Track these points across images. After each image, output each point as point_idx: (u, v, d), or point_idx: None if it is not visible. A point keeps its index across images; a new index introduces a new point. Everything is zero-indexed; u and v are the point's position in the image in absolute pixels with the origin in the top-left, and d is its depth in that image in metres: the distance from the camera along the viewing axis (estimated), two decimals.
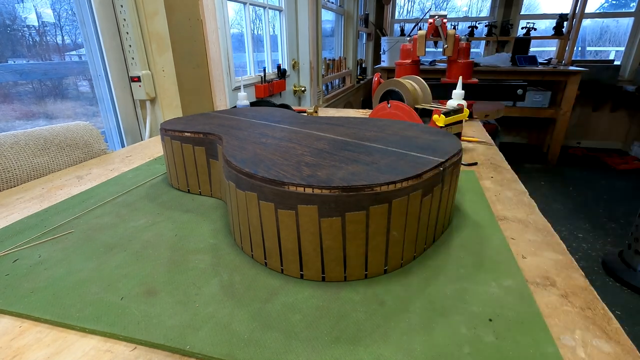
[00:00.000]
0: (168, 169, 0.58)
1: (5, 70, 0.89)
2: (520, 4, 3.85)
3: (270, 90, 1.95)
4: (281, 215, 0.33)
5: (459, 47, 1.02)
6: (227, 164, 0.38)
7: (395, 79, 0.82)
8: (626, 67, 3.75)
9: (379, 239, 0.30)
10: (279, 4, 2.17)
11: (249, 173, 0.34)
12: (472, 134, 0.87)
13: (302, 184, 0.31)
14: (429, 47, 1.45)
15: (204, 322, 0.29)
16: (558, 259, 0.37)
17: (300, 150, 0.41)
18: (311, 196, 0.31)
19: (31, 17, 0.96)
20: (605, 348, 0.26)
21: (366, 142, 0.44)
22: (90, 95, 1.11)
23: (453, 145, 0.42)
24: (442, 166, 0.36)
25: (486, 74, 3.25)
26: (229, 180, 0.38)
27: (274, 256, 0.35)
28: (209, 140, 0.50)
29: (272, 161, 0.37)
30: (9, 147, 0.62)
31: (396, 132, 0.49)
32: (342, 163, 0.36)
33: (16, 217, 0.49)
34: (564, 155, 3.73)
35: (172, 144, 0.54)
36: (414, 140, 0.45)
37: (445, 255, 0.38)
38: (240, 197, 0.36)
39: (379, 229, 0.32)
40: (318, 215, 0.31)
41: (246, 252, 0.39)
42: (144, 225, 0.45)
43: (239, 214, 0.37)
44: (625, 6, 3.75)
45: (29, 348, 0.28)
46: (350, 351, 0.26)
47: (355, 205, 0.31)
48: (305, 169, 0.35)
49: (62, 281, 0.34)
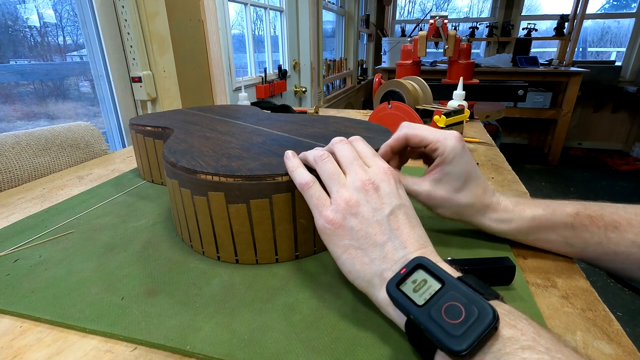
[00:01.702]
0: (136, 161, 0.63)
1: (7, 71, 0.89)
2: (521, 4, 3.85)
3: (271, 91, 1.95)
4: (196, 201, 0.36)
5: (460, 48, 1.02)
6: (163, 155, 0.41)
7: (396, 79, 0.82)
8: (627, 68, 3.74)
9: (286, 225, 0.32)
10: (279, 5, 2.17)
11: (172, 162, 0.38)
12: (473, 135, 0.87)
13: (211, 172, 0.34)
14: (429, 47, 1.45)
15: (205, 322, 0.29)
16: (559, 260, 0.37)
17: (233, 144, 0.44)
18: (217, 184, 0.34)
19: (33, 18, 0.96)
20: (606, 349, 0.26)
21: (301, 138, 0.46)
22: (92, 96, 1.11)
23: (377, 142, 0.43)
24: None
25: (487, 75, 3.25)
26: (165, 170, 0.40)
27: (194, 240, 0.39)
28: (166, 134, 0.54)
29: (201, 153, 0.41)
30: (10, 147, 0.62)
31: (338, 129, 0.51)
32: (263, 156, 0.39)
33: (17, 217, 0.49)
34: (565, 156, 3.72)
35: (137, 138, 0.58)
36: (347, 137, 0.45)
37: None
38: (169, 185, 0.40)
39: (283, 216, 0.35)
40: (225, 201, 0.34)
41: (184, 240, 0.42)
42: (144, 225, 0.45)
43: (176, 204, 0.40)
44: (627, 7, 3.75)
45: (30, 348, 0.28)
46: None
47: (258, 193, 0.34)
48: (224, 160, 0.38)
49: (63, 281, 0.34)
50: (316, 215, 0.30)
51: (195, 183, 0.35)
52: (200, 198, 0.35)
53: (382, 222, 0.27)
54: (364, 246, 0.27)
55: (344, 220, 0.28)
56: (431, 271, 0.24)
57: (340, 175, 0.30)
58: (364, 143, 0.34)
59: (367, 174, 0.29)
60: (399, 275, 0.25)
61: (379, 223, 0.27)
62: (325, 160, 0.31)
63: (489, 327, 0.20)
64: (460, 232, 0.42)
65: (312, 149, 0.34)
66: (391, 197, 0.29)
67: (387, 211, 0.28)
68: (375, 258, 0.27)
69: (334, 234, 0.28)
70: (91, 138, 0.76)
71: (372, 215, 0.28)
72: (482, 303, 0.21)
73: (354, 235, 0.28)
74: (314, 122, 0.56)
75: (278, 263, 0.37)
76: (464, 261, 0.32)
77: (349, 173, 0.30)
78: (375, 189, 0.29)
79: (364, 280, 0.27)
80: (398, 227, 0.28)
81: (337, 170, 0.30)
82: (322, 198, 0.30)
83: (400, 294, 0.24)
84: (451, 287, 0.23)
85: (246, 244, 0.36)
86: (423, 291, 0.23)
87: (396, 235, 0.27)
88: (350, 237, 0.28)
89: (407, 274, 0.25)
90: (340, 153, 0.32)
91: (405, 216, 0.28)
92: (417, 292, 0.23)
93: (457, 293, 0.22)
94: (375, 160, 0.31)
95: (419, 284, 0.24)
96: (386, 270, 0.26)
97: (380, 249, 0.27)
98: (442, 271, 0.24)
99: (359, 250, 0.27)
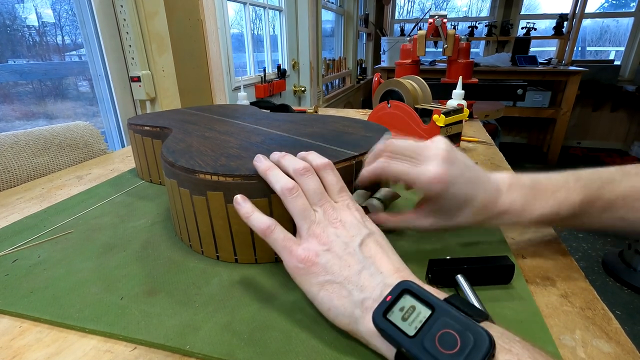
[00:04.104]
0: (135, 161, 0.62)
1: (6, 71, 0.89)
2: (520, 4, 3.85)
3: (270, 90, 1.95)
4: (195, 201, 0.36)
5: (459, 47, 1.02)
6: (161, 154, 0.41)
7: (395, 79, 0.82)
8: (626, 67, 3.75)
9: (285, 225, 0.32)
10: (279, 4, 2.17)
11: (171, 162, 0.37)
12: (472, 134, 0.87)
13: (210, 172, 0.34)
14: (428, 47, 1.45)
15: (204, 322, 0.29)
16: (558, 259, 0.37)
17: (232, 143, 0.44)
18: (216, 183, 0.34)
19: (31, 18, 0.96)
20: (605, 348, 0.26)
21: (300, 137, 0.46)
22: (90, 95, 1.11)
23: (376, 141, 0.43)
24: (354, 159, 0.38)
25: (486, 74, 3.25)
26: (164, 170, 0.40)
27: (194, 239, 0.39)
28: (165, 134, 0.54)
29: (199, 152, 0.40)
30: (9, 147, 0.62)
31: (337, 128, 0.51)
32: None
33: (16, 217, 0.48)
34: (564, 155, 3.73)
35: (135, 137, 0.58)
36: (346, 137, 0.46)
37: None
38: (168, 184, 0.40)
39: (282, 215, 0.34)
40: (224, 200, 0.34)
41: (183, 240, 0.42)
42: (143, 225, 0.45)
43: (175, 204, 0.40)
44: (626, 6, 3.75)
45: (29, 348, 0.28)
46: None
47: (257, 192, 0.34)
48: (223, 159, 0.38)
49: (62, 281, 0.34)
50: (286, 257, 0.28)
51: (194, 183, 0.35)
52: (199, 198, 0.35)
53: (354, 253, 0.27)
54: (339, 279, 0.26)
55: (317, 257, 0.27)
56: (419, 296, 0.23)
57: (310, 212, 0.29)
58: (332, 172, 0.32)
59: (335, 212, 0.29)
60: (385, 303, 0.23)
61: (351, 254, 0.27)
62: (295, 195, 0.30)
63: (486, 355, 0.19)
64: (459, 232, 0.42)
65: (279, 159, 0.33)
66: (359, 228, 0.29)
67: (358, 241, 0.28)
68: (353, 289, 0.26)
69: (308, 272, 0.27)
70: (90, 138, 0.76)
71: (344, 248, 0.27)
72: (477, 329, 0.20)
73: (329, 270, 0.27)
74: (313, 121, 0.56)
75: (277, 262, 0.37)
76: (463, 260, 0.32)
77: (318, 210, 0.30)
78: (343, 224, 0.29)
79: (344, 316, 0.26)
80: (371, 255, 0.27)
81: (307, 207, 0.30)
82: (288, 238, 0.29)
83: (389, 324, 0.22)
84: (442, 312, 0.22)
85: (245, 243, 0.36)
86: (412, 319, 0.22)
87: (370, 262, 0.27)
88: (325, 272, 0.27)
89: (393, 301, 0.23)
90: (307, 187, 0.30)
91: (376, 244, 0.28)
92: (407, 321, 0.22)
93: (449, 319, 0.21)
94: (341, 196, 0.31)
95: (407, 311, 0.23)
96: (366, 299, 0.25)
97: (356, 278, 0.26)
98: (429, 295, 0.23)
99: (335, 284, 0.26)
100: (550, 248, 0.39)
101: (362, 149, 0.40)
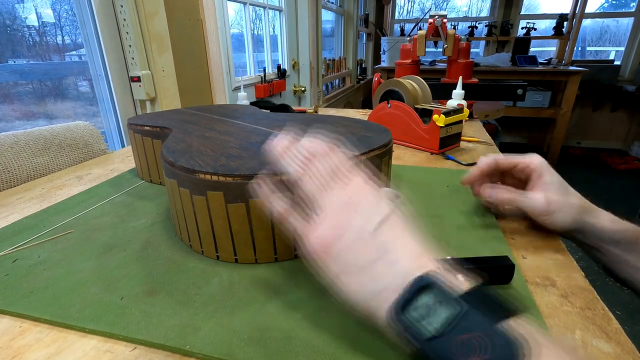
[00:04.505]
0: (135, 161, 0.62)
1: (6, 71, 0.89)
2: (520, 4, 3.85)
3: (270, 90, 1.95)
4: (195, 201, 0.36)
5: (459, 47, 1.02)
6: (161, 154, 0.41)
7: (395, 79, 0.82)
8: (626, 67, 3.75)
9: None
10: (279, 4, 2.16)
11: (171, 162, 0.37)
12: (472, 134, 0.87)
13: (210, 172, 0.34)
14: (429, 47, 1.45)
15: (204, 322, 0.29)
16: (558, 259, 0.37)
17: (232, 143, 0.44)
18: (216, 183, 0.34)
19: (31, 17, 0.96)
20: (605, 348, 0.26)
21: None
22: (90, 95, 1.11)
23: (376, 141, 0.43)
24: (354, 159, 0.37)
25: (486, 74, 3.25)
26: (164, 170, 0.40)
27: (194, 239, 0.39)
28: (165, 134, 0.54)
29: (199, 152, 0.40)
30: (9, 147, 0.62)
31: (337, 128, 0.51)
32: (261, 155, 0.39)
33: (16, 217, 0.48)
34: (564, 155, 3.73)
35: (135, 137, 0.58)
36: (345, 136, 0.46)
37: None
38: (168, 184, 0.40)
39: None
40: (224, 200, 0.34)
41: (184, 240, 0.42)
42: (143, 225, 0.45)
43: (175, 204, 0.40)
44: (625, 6, 3.75)
45: (29, 348, 0.28)
46: None
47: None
48: (223, 159, 0.38)
49: (62, 281, 0.34)
50: (301, 244, 0.28)
51: (194, 182, 0.35)
52: (199, 197, 0.35)
53: (368, 239, 0.25)
54: (353, 269, 0.25)
55: (330, 247, 0.26)
56: (439, 292, 0.21)
57: (322, 196, 0.28)
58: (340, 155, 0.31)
59: (347, 193, 0.28)
60: (402, 299, 0.22)
61: (365, 241, 0.25)
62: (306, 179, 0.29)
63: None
64: (459, 232, 0.42)
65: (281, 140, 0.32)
66: (372, 210, 0.27)
67: (373, 226, 0.26)
68: (368, 280, 0.24)
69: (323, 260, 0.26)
70: (90, 138, 0.76)
71: (357, 235, 0.26)
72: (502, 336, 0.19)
73: (342, 259, 0.26)
74: (313, 121, 0.56)
75: (277, 262, 0.37)
76: (464, 260, 0.32)
77: (329, 193, 0.28)
78: (355, 207, 0.27)
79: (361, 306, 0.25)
80: (388, 239, 0.25)
81: (318, 192, 0.28)
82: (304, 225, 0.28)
83: (405, 322, 0.21)
84: (464, 314, 0.20)
85: (245, 243, 0.36)
86: (431, 319, 0.20)
87: (387, 249, 0.25)
88: (338, 262, 0.26)
89: (412, 297, 0.22)
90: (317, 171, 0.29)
91: (394, 226, 0.26)
92: (425, 320, 0.20)
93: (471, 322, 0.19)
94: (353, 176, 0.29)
95: (426, 309, 0.21)
96: (382, 290, 0.23)
97: (371, 268, 0.24)
98: (451, 293, 0.21)
99: (350, 274, 0.25)
100: (550, 248, 0.39)
101: (362, 149, 0.40)
